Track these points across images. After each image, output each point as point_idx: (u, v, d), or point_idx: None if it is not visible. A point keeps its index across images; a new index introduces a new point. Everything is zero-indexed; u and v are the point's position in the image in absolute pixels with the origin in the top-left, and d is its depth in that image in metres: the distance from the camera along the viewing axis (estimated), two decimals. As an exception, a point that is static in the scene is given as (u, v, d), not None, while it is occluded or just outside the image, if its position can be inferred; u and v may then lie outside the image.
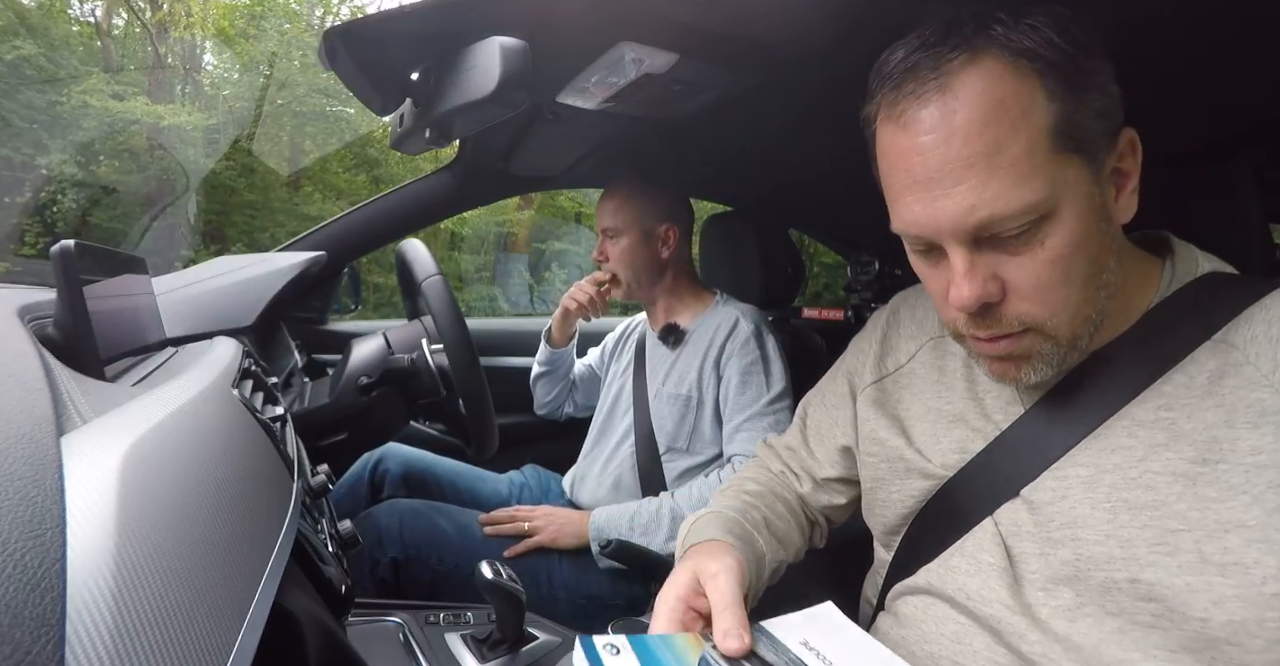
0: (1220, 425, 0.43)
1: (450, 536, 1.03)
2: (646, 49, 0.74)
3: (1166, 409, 0.46)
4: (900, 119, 0.46)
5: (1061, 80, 0.43)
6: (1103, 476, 0.47)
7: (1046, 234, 0.44)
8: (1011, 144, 0.42)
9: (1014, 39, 0.43)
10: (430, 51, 0.64)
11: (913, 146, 0.45)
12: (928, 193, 0.45)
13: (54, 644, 0.19)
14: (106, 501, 0.26)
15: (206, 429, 0.40)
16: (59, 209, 6.63)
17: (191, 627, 0.25)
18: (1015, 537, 0.51)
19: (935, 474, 0.58)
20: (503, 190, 1.48)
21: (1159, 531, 0.43)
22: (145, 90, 7.37)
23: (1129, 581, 0.44)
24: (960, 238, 0.45)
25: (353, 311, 1.68)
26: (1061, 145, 0.43)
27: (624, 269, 1.19)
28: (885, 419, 0.63)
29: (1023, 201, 0.43)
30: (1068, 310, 0.46)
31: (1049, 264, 0.45)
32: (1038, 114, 0.43)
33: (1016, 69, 0.43)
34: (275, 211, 7.75)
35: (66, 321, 0.56)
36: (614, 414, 1.27)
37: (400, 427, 1.10)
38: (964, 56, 0.43)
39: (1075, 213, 0.44)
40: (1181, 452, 0.44)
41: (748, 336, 1.11)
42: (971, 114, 0.43)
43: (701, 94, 0.87)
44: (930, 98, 0.44)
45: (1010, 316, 0.47)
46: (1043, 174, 0.43)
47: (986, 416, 0.56)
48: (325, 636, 0.43)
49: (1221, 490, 0.42)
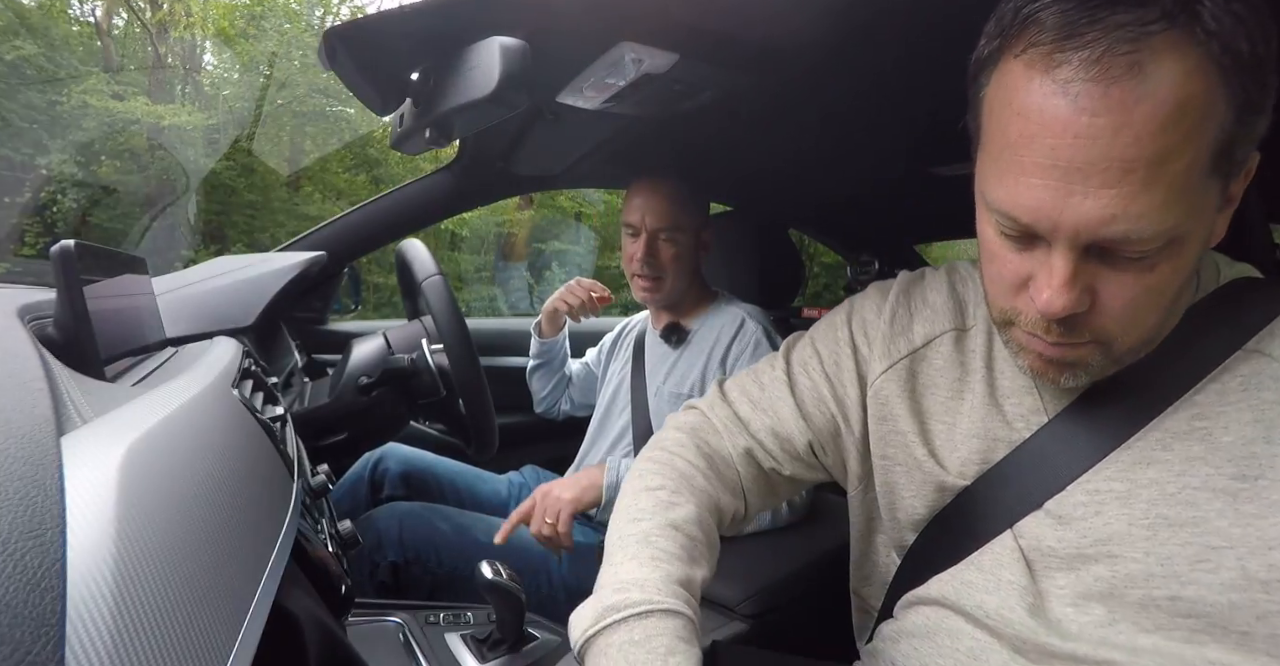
0: (1260, 440, 0.42)
1: (449, 538, 1.03)
2: (646, 49, 0.74)
3: (1200, 418, 0.45)
4: (1063, 79, 0.37)
5: (1243, 91, 0.36)
6: (1139, 491, 0.45)
7: (1162, 259, 0.40)
8: (1181, 157, 0.36)
9: (1222, 21, 0.35)
10: (430, 51, 0.64)
11: (1070, 122, 0.37)
12: (1066, 182, 0.38)
13: (54, 644, 0.19)
14: (106, 501, 0.25)
15: (206, 429, 0.40)
16: (59, 209, 6.63)
17: (191, 627, 0.25)
18: (1038, 552, 0.49)
19: (951, 484, 0.55)
20: (503, 190, 1.48)
21: (1200, 548, 0.42)
22: (145, 90, 7.38)
23: (1169, 599, 0.43)
24: (1080, 243, 0.40)
25: (353, 311, 1.68)
26: (1215, 168, 0.38)
27: (677, 271, 1.14)
28: (906, 415, 0.59)
29: (1164, 225, 0.37)
30: (1142, 332, 0.44)
31: (1151, 288, 0.41)
32: (1212, 125, 0.36)
33: (1216, 66, 0.35)
34: (275, 211, 7.75)
35: (66, 321, 0.56)
36: (611, 412, 1.27)
37: (400, 428, 1.10)
38: (1167, 32, 0.35)
39: (1195, 242, 0.40)
40: (1220, 467, 0.43)
41: (759, 338, 1.10)
42: (1155, 110, 0.35)
43: (701, 94, 0.87)
44: (1118, 72, 0.35)
45: (1085, 328, 0.43)
46: (1190, 200, 0.38)
47: (1008, 424, 0.54)
48: (325, 636, 0.43)
49: (1262, 506, 0.41)
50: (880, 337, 0.61)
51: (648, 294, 1.15)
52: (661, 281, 1.14)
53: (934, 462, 0.57)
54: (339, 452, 1.02)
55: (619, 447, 1.21)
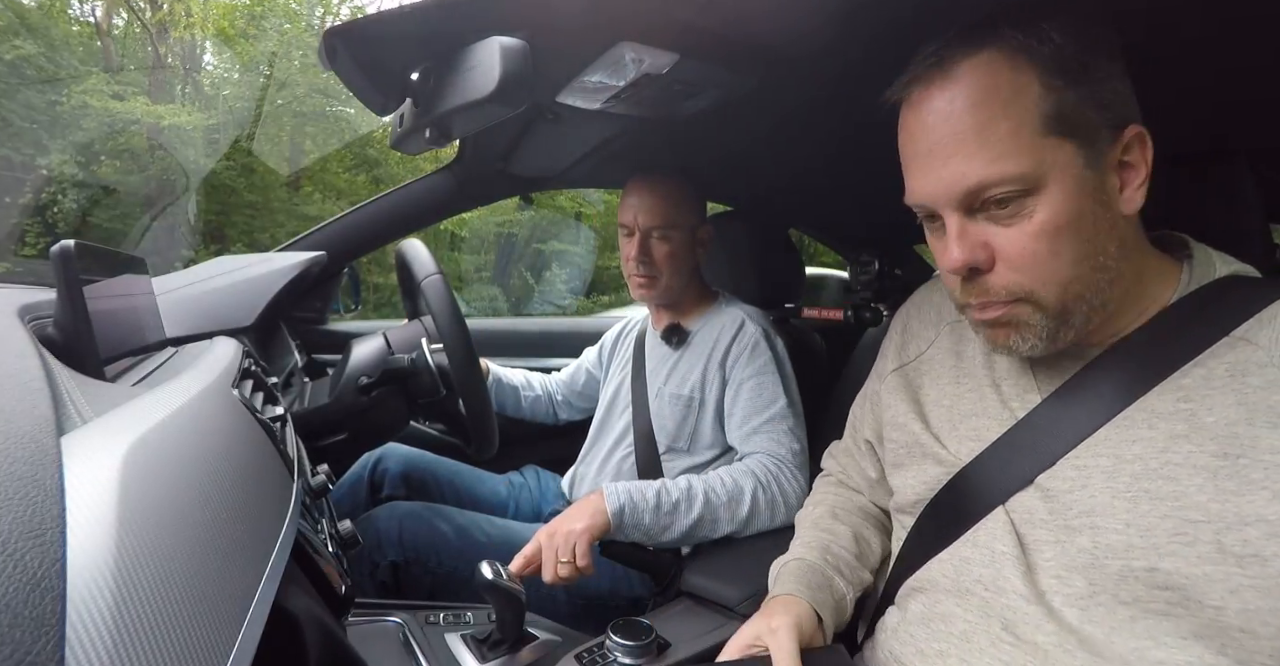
0: (1242, 422, 0.45)
1: (449, 539, 1.03)
2: (646, 49, 0.74)
3: (1186, 400, 0.47)
4: (912, 101, 0.52)
5: (1059, 74, 0.47)
6: (1124, 466, 0.48)
7: (1034, 208, 0.48)
8: (1001, 123, 0.47)
9: (1021, 39, 0.48)
10: (430, 51, 0.64)
11: (919, 123, 0.51)
12: (929, 163, 0.51)
13: (54, 644, 0.19)
14: (106, 501, 0.25)
15: (206, 429, 0.40)
16: (59, 209, 6.63)
17: (191, 627, 0.25)
18: (1028, 525, 0.52)
19: (949, 461, 0.59)
20: (503, 190, 1.48)
21: (1179, 521, 0.45)
22: (145, 90, 7.37)
23: (1146, 570, 0.45)
24: (954, 203, 0.50)
25: (353, 311, 1.68)
26: (1053, 129, 0.47)
27: (672, 269, 1.14)
28: (905, 403, 0.66)
29: (1005, 171, 0.47)
30: (1055, 283, 0.49)
31: (1035, 236, 0.48)
32: (1030, 99, 0.47)
33: (1014, 62, 0.48)
34: (275, 211, 7.75)
35: (66, 321, 0.56)
36: (612, 413, 1.27)
37: (400, 428, 1.10)
38: (971, 51, 0.49)
39: (1064, 192, 0.48)
40: (1203, 445, 0.45)
41: (757, 339, 1.10)
42: (968, 97, 0.49)
43: (701, 94, 0.87)
44: (934, 83, 0.50)
45: (999, 285, 0.51)
46: (1029, 152, 0.47)
47: (1004, 403, 0.58)
48: (325, 636, 0.43)
49: (1241, 484, 0.43)
50: (894, 350, 0.71)
51: (644, 291, 1.16)
52: (656, 280, 1.14)
53: (934, 440, 0.61)
54: (339, 452, 1.02)
55: (620, 448, 1.21)
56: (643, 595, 1.03)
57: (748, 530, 0.96)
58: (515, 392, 1.39)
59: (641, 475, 1.16)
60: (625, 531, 0.91)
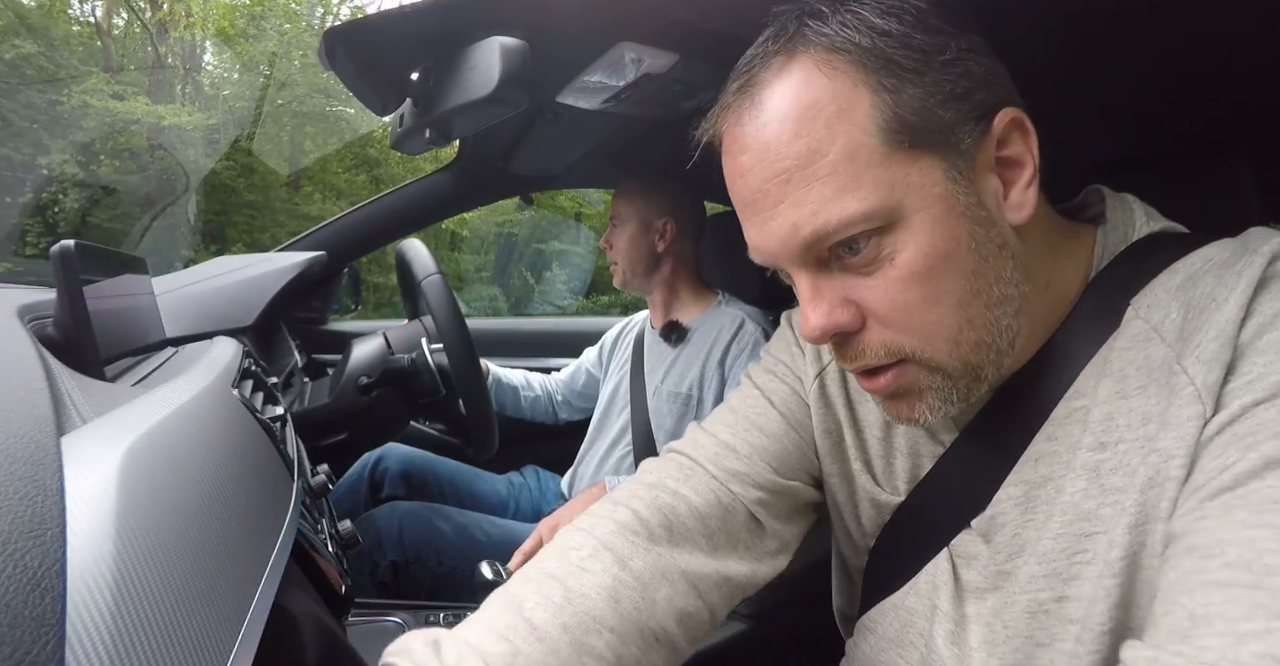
0: (1114, 397, 0.38)
1: (449, 538, 1.03)
2: (646, 49, 0.74)
3: (1077, 396, 0.40)
4: (723, 140, 0.43)
5: (885, 68, 0.37)
6: (1034, 493, 0.41)
7: (893, 248, 0.38)
8: (827, 150, 0.37)
9: (828, 33, 0.38)
10: (430, 51, 0.64)
11: (735, 168, 0.41)
12: (757, 216, 0.41)
13: (54, 644, 0.19)
14: (106, 501, 0.26)
15: (206, 429, 0.40)
16: (59, 209, 6.64)
17: (191, 627, 0.25)
18: (970, 569, 0.45)
19: (886, 502, 0.51)
20: (503, 190, 1.48)
21: (1074, 538, 0.38)
22: (145, 90, 7.38)
23: (1055, 601, 0.39)
24: (795, 261, 0.40)
25: (353, 311, 1.68)
26: (897, 142, 0.37)
27: (621, 257, 1.22)
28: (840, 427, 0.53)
29: (846, 212, 0.37)
30: (942, 336, 0.39)
31: (902, 282, 0.38)
32: (859, 112, 0.37)
33: (830, 65, 0.38)
34: (275, 211, 7.76)
35: (66, 321, 0.56)
36: (610, 412, 1.27)
37: (400, 428, 1.10)
38: (777, 63, 0.39)
39: (929, 219, 0.37)
40: (1086, 443, 0.38)
41: (757, 339, 1.10)
42: (781, 125, 0.38)
43: (701, 94, 0.87)
44: (743, 114, 0.40)
45: (874, 345, 0.40)
46: (871, 179, 0.37)
47: (932, 435, 0.49)
48: (325, 636, 0.43)
49: (1124, 477, 0.36)
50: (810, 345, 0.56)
51: (614, 278, 1.26)
52: (617, 266, 1.23)
53: (869, 479, 0.52)
54: (339, 452, 1.02)
55: (619, 447, 1.21)
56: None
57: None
58: (515, 392, 1.40)
59: (641, 475, 1.16)
60: None
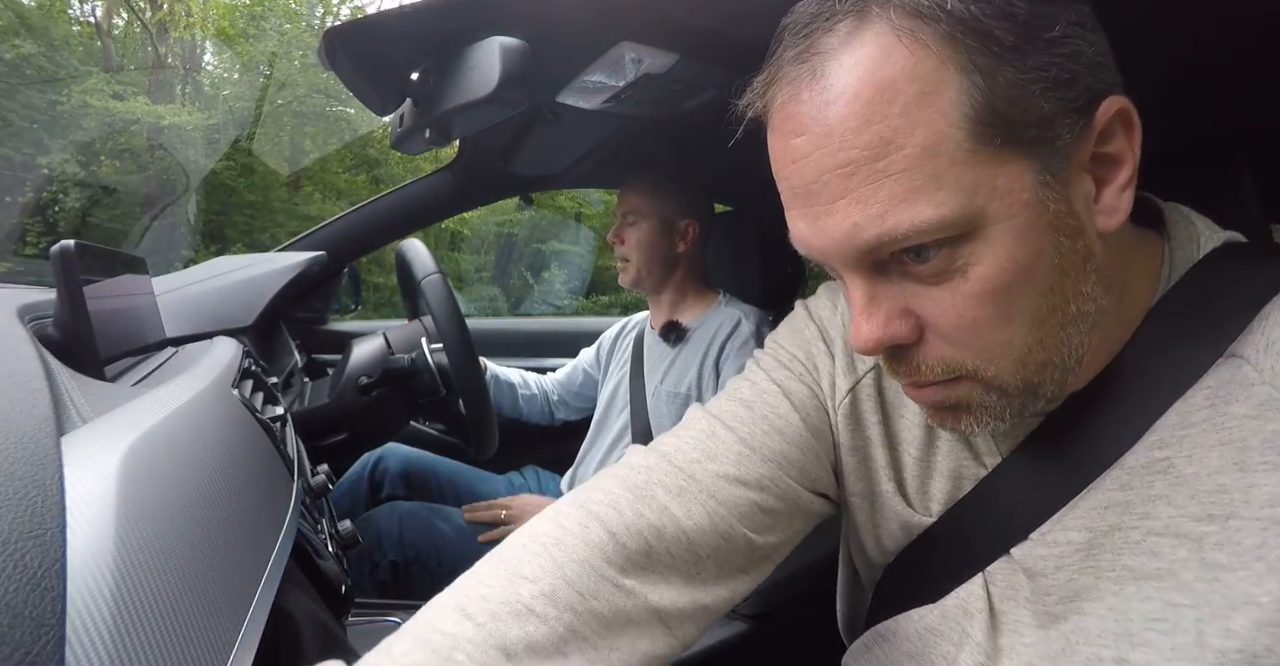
0: (1230, 467, 0.34)
1: (449, 538, 1.03)
2: (646, 49, 0.74)
3: (1161, 447, 0.36)
4: (773, 115, 0.37)
5: (980, 43, 0.31)
6: (1101, 540, 0.38)
7: (969, 260, 0.33)
8: (904, 142, 0.31)
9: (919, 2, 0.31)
10: (430, 51, 0.64)
11: (787, 150, 0.36)
12: (810, 208, 0.35)
13: (54, 644, 0.19)
14: (106, 501, 0.26)
15: (206, 429, 0.40)
16: (59, 209, 6.63)
17: (191, 627, 0.25)
18: (1010, 602, 0.42)
19: (916, 523, 0.47)
20: (503, 190, 1.48)
21: (1161, 605, 0.35)
22: (145, 90, 7.38)
23: (1115, 661, 0.36)
24: (850, 264, 0.35)
25: (353, 311, 1.68)
26: (987, 136, 0.31)
27: (637, 255, 1.18)
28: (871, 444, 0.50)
29: (919, 218, 0.32)
30: (1010, 357, 0.35)
31: (974, 299, 0.33)
32: (944, 97, 0.31)
33: (912, 36, 0.31)
34: (275, 211, 7.75)
35: (66, 321, 0.56)
36: (610, 412, 1.27)
37: (400, 428, 1.10)
38: (845, 27, 0.33)
39: (1012, 230, 0.32)
40: (1184, 507, 0.35)
41: (748, 337, 1.11)
42: (848, 107, 0.32)
43: (701, 94, 0.87)
44: (801, 88, 0.34)
45: (931, 361, 0.36)
46: (952, 180, 0.31)
47: (976, 457, 0.45)
48: (325, 636, 0.43)
49: (1233, 554, 0.33)
50: (842, 344, 0.51)
51: (622, 276, 1.22)
52: (628, 263, 1.19)
53: (900, 499, 0.48)
54: (339, 452, 1.02)
55: (618, 447, 1.21)
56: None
57: None
58: (512, 390, 1.40)
59: (641, 475, 1.16)
60: None
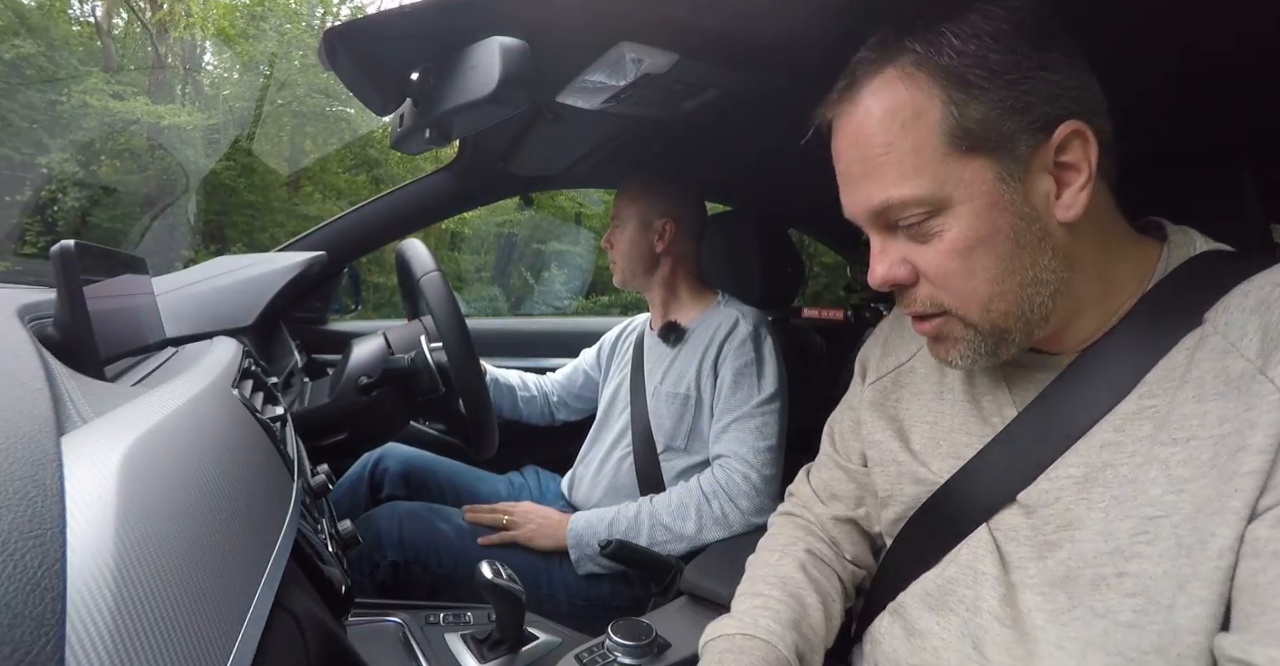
0: (1191, 401, 0.44)
1: (449, 538, 1.03)
2: (646, 49, 0.74)
3: (1150, 397, 0.46)
4: (832, 124, 0.54)
5: (958, 83, 0.46)
6: (1095, 475, 0.47)
7: (943, 227, 0.48)
8: (901, 145, 0.48)
9: (917, 50, 0.47)
10: (430, 51, 0.64)
11: (836, 148, 0.54)
12: (846, 185, 0.53)
13: (54, 644, 0.19)
14: (106, 501, 0.26)
15: (206, 429, 0.40)
16: (59, 209, 6.63)
17: (191, 627, 0.25)
18: (1012, 542, 0.51)
19: (928, 479, 0.58)
20: (503, 190, 1.48)
21: (1139, 520, 0.44)
22: (145, 90, 7.37)
23: (1116, 576, 0.44)
24: (869, 223, 0.52)
25: (353, 311, 1.68)
26: (958, 146, 0.46)
27: (620, 256, 1.23)
28: (883, 420, 0.64)
29: (905, 194, 0.48)
30: (975, 302, 0.49)
31: (948, 255, 0.48)
32: (930, 119, 0.47)
33: (912, 79, 0.47)
34: (275, 211, 7.75)
35: (66, 321, 0.56)
36: (610, 413, 1.27)
37: (400, 427, 1.10)
38: (873, 69, 0.49)
39: (972, 210, 0.47)
40: (1159, 440, 0.44)
41: (745, 337, 1.11)
42: (869, 121, 0.49)
43: (701, 94, 0.87)
44: (842, 108, 0.52)
45: (922, 297, 0.51)
46: (930, 173, 0.47)
47: (984, 419, 0.56)
48: (325, 636, 0.43)
49: (1194, 469, 0.42)
50: (874, 360, 0.69)
51: (614, 276, 1.27)
52: (616, 264, 1.25)
53: (912, 459, 0.60)
54: (339, 452, 1.02)
55: (618, 448, 1.21)
56: (642, 595, 1.03)
57: (702, 541, 1.01)
58: (511, 393, 1.40)
59: (640, 475, 1.16)
60: (582, 564, 1.04)
